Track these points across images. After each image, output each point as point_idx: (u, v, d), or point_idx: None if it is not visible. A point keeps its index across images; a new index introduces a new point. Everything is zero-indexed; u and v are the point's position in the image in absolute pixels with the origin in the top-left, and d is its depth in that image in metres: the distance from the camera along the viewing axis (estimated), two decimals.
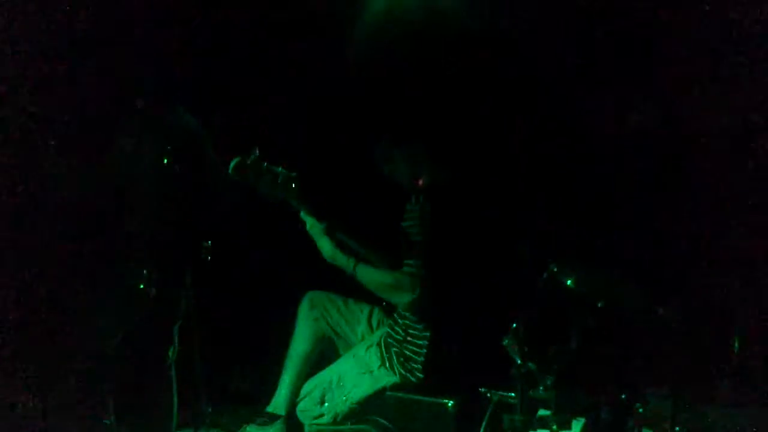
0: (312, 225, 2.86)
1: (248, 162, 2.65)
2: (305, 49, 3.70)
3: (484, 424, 2.56)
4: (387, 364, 2.83)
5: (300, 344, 3.06)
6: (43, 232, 3.33)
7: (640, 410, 2.41)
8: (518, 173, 3.25)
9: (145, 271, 3.03)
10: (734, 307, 2.89)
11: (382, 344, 2.86)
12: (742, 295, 2.92)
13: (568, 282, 2.49)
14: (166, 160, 3.00)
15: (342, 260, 2.82)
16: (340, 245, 2.86)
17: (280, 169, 2.74)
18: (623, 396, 2.52)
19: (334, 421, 2.89)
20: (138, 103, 3.08)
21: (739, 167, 3.03)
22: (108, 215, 3.02)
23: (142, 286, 3.03)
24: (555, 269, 2.50)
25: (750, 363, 2.74)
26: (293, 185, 2.76)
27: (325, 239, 2.83)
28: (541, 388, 2.47)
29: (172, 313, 3.13)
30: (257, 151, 2.67)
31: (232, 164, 2.65)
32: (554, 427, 2.41)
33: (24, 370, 3.56)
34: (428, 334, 2.77)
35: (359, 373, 2.87)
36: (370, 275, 2.80)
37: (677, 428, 2.30)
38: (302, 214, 2.88)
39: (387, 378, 2.83)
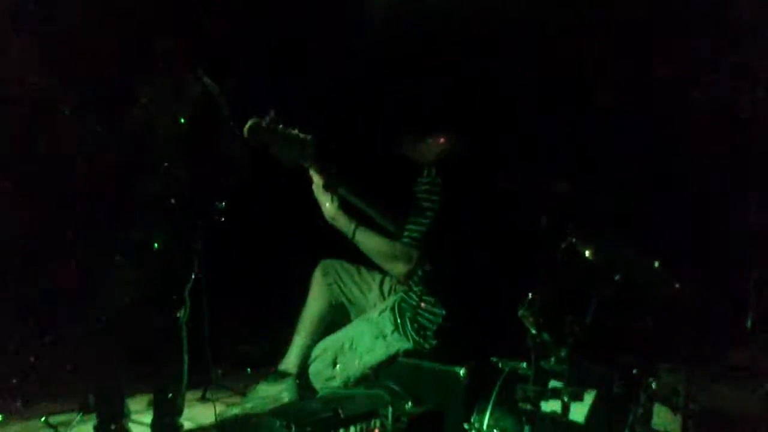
0: (318, 185, 2.83)
1: (263, 124, 2.63)
2: (324, 20, 3.66)
3: (495, 392, 2.56)
4: (400, 330, 2.84)
5: (313, 308, 3.07)
6: (58, 192, 3.34)
7: (653, 385, 2.40)
8: (538, 145, 3.22)
9: (158, 231, 3.02)
10: (748, 283, 2.88)
11: (396, 309, 2.86)
12: (757, 271, 2.90)
13: (586, 254, 2.47)
14: (182, 121, 2.98)
15: (343, 222, 2.79)
16: (345, 208, 2.83)
17: (295, 131, 2.72)
18: (635, 370, 2.51)
19: (346, 385, 2.90)
20: (198, 73, 3.05)
21: (759, 141, 3.00)
22: (123, 176, 3.00)
23: (156, 246, 3.02)
24: (573, 240, 2.47)
25: (763, 338, 2.73)
26: (308, 148, 2.74)
27: (329, 200, 2.80)
28: (553, 359, 2.47)
29: (184, 274, 3.14)
30: (273, 113, 2.65)
31: (247, 126, 2.63)
32: (566, 398, 2.40)
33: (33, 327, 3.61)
34: (441, 302, 2.77)
35: (372, 337, 2.87)
36: (368, 240, 2.78)
37: (690, 404, 2.29)
38: (312, 172, 2.84)
39: (400, 343, 2.84)
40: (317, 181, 2.82)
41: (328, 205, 2.81)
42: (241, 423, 2.77)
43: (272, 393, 2.90)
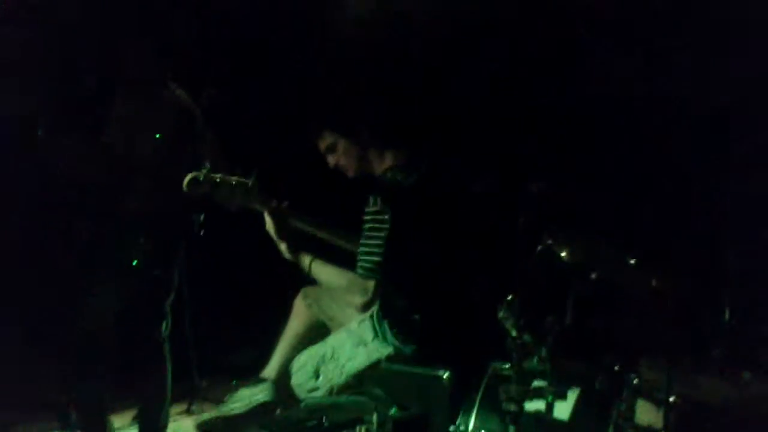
0: (269, 225, 2.89)
1: (201, 178, 2.69)
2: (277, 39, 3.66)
3: (479, 394, 2.57)
4: (380, 336, 2.84)
5: (293, 325, 3.11)
6: (37, 209, 3.31)
7: (635, 381, 2.42)
8: (512, 145, 3.24)
9: (138, 246, 3.01)
10: (725, 276, 2.91)
11: (375, 317, 2.87)
12: (734, 264, 2.93)
13: (563, 254, 2.49)
14: (159, 136, 2.97)
15: (299, 258, 2.88)
16: (302, 239, 2.89)
17: (234, 178, 2.77)
18: (616, 367, 2.53)
19: (330, 394, 2.90)
20: (172, 87, 3.06)
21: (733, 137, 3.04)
22: (101, 191, 2.99)
23: (135, 262, 3.01)
24: (550, 241, 2.49)
25: (741, 331, 2.76)
26: (252, 192, 2.79)
27: (281, 240, 2.88)
28: (535, 359, 2.48)
29: (165, 288, 3.13)
30: (208, 165, 2.72)
31: (185, 182, 2.70)
32: (549, 397, 2.42)
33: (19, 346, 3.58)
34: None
35: (353, 345, 2.88)
36: (324, 274, 2.86)
37: (671, 398, 2.31)
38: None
39: (381, 350, 2.84)
40: (268, 221, 2.86)
41: (281, 244, 2.89)
42: (222, 428, 2.76)
43: (249, 394, 2.91)
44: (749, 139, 3.01)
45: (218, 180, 2.73)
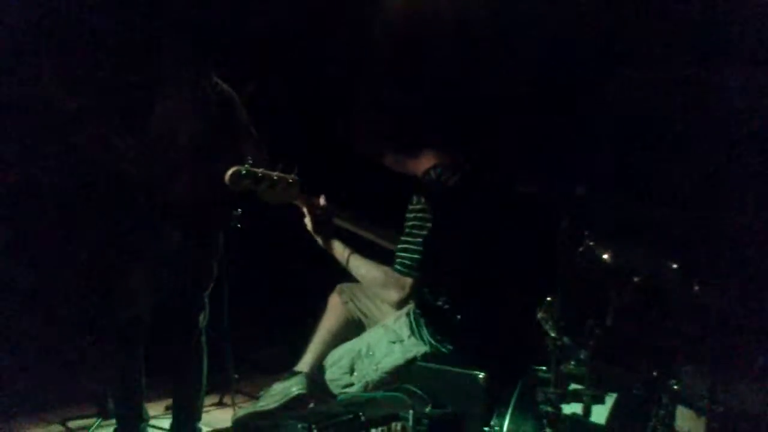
0: (309, 220, 2.92)
1: (243, 172, 2.69)
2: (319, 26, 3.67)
3: (515, 396, 2.56)
4: (417, 334, 2.84)
5: (327, 322, 3.11)
6: (79, 198, 3.36)
7: (675, 387, 2.39)
8: (554, 147, 3.22)
9: (179, 237, 3.05)
10: None
11: (411, 315, 2.87)
12: None
13: (605, 257, 2.47)
14: (201, 128, 3.00)
15: (337, 252, 2.90)
16: (340, 234, 2.91)
17: (276, 173, 2.78)
18: (655, 373, 2.50)
19: (365, 390, 2.90)
20: (214, 79, 3.10)
21: None
22: (143, 182, 3.03)
23: (176, 252, 3.04)
24: (591, 243, 2.47)
25: None
26: (293, 187, 2.80)
27: (320, 234, 2.90)
28: (573, 362, 2.47)
29: (204, 279, 3.16)
30: (250, 160, 2.72)
31: (228, 175, 2.70)
32: (587, 401, 2.40)
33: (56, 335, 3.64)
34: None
35: (389, 342, 2.87)
36: (361, 269, 2.87)
37: (713, 405, 2.28)
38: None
39: (417, 347, 2.83)
40: (308, 216, 2.88)
41: (320, 238, 2.91)
42: (258, 423, 2.77)
43: (282, 388, 2.92)
44: None
45: (260, 174, 2.74)
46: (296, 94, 3.79)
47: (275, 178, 2.78)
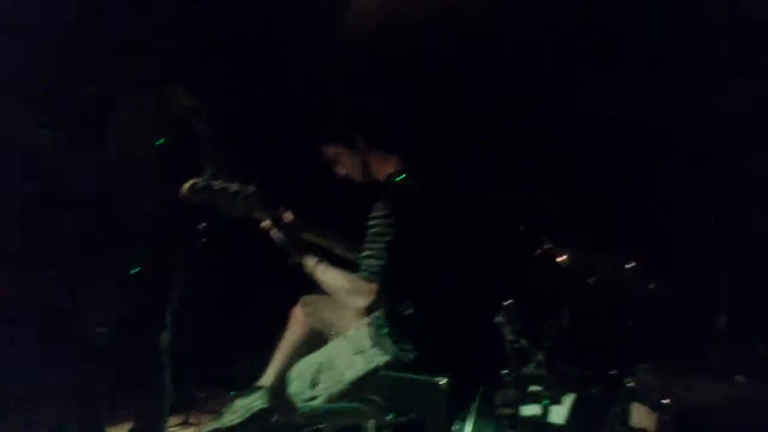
0: (273, 233, 2.89)
1: (201, 185, 2.69)
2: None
3: (477, 400, 2.58)
4: (379, 343, 2.84)
5: (292, 333, 3.09)
6: (38, 213, 3.32)
7: (631, 384, 2.44)
8: (511, 152, 3.27)
9: (139, 253, 3.03)
10: (721, 279, 2.93)
11: (373, 325, 2.88)
12: (731, 269, 2.95)
13: (561, 259, 2.51)
14: (162, 141, 3.00)
15: (303, 261, 2.87)
16: (308, 246, 2.90)
17: (235, 185, 2.78)
18: (613, 372, 2.55)
19: (328, 402, 2.90)
20: (177, 90, 3.04)
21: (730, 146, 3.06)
22: (103, 199, 3.01)
23: (136, 270, 3.02)
24: (548, 246, 2.52)
25: (737, 333, 2.77)
26: (252, 200, 2.80)
27: (286, 244, 2.87)
28: (532, 364, 2.50)
29: (166, 298, 3.14)
30: (209, 171, 2.71)
31: (185, 189, 2.68)
32: (545, 402, 2.44)
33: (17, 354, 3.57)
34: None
35: (351, 353, 2.87)
36: (327, 277, 2.85)
37: (665, 400, 2.32)
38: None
39: (380, 357, 2.84)
40: (271, 228, 2.88)
41: (287, 251, 2.89)
42: None
43: (244, 404, 2.90)
44: (744, 148, 3.03)
45: (218, 187, 2.74)
46: (256, 103, 3.78)
47: (234, 190, 2.78)
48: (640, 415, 2.42)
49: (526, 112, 3.29)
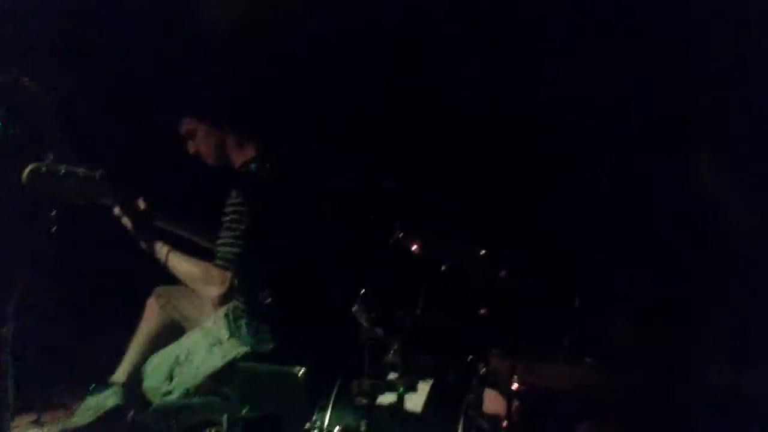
0: (124, 220, 2.80)
1: (42, 170, 2.53)
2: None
3: (335, 390, 2.57)
4: (236, 335, 2.79)
5: (146, 325, 3.00)
6: None
7: (483, 370, 2.48)
8: (363, 142, 3.26)
9: None
10: (575, 267, 3.02)
11: (230, 315, 2.81)
12: (584, 254, 3.05)
13: (413, 247, 2.52)
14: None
15: (157, 251, 2.79)
16: (161, 234, 2.81)
17: (81, 170, 2.65)
18: (467, 358, 2.58)
19: (186, 397, 2.82)
20: (14, 73, 2.86)
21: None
22: None
23: None
24: (401, 235, 2.52)
25: (589, 321, 2.87)
26: (101, 185, 2.67)
27: (137, 232, 2.78)
28: (389, 353, 2.51)
29: (7, 290, 2.95)
30: (51, 156, 2.56)
31: (25, 174, 2.52)
32: (401, 389, 2.45)
33: None
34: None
35: (208, 345, 2.81)
36: (181, 265, 2.77)
37: (514, 384, 2.38)
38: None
39: (237, 349, 2.79)
40: (122, 215, 2.77)
41: (139, 239, 2.81)
42: None
43: (97, 401, 2.78)
44: (599, 136, 3.13)
45: (62, 172, 2.58)
46: (107, 90, 3.60)
47: (80, 175, 2.62)
48: (491, 400, 2.46)
49: (379, 102, 3.28)
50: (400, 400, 2.45)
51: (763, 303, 2.43)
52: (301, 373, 2.66)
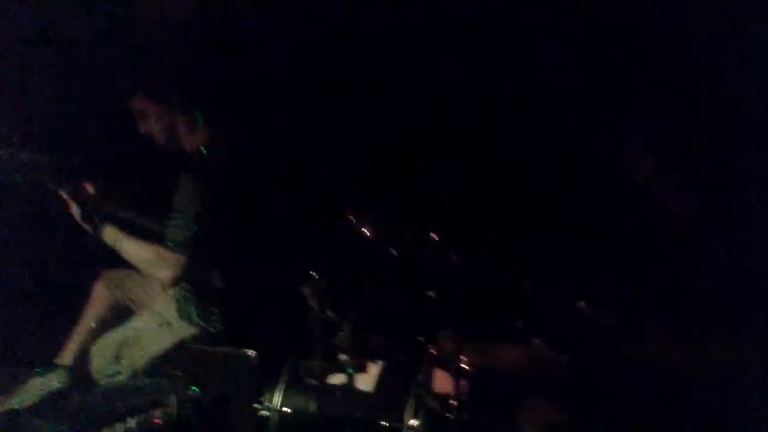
0: (70, 204, 2.75)
1: None
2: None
3: (285, 371, 2.57)
4: (185, 316, 2.77)
5: (93, 308, 2.96)
6: None
7: (432, 351, 2.51)
8: (317, 128, 3.25)
9: None
10: (525, 250, 3.06)
11: (181, 298, 2.79)
12: (534, 239, 3.09)
13: (365, 230, 2.53)
14: None
15: (106, 236, 2.74)
16: (110, 217, 2.77)
17: (25, 154, 2.60)
18: (419, 339, 2.61)
19: (134, 378, 2.79)
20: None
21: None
22: None
23: None
24: (352, 219, 2.53)
25: (541, 302, 2.91)
26: (47, 170, 2.62)
27: (85, 219, 2.73)
28: (339, 334, 2.52)
29: None
30: None
31: None
32: (350, 370, 2.47)
33: None
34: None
35: (157, 326, 2.79)
36: (132, 249, 2.73)
37: (464, 365, 2.41)
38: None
39: (186, 330, 2.77)
40: (68, 200, 2.72)
41: (87, 225, 2.75)
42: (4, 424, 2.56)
43: (40, 382, 2.74)
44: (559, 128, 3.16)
45: (5, 156, 2.52)
46: (56, 71, 3.50)
47: (23, 160, 2.57)
48: (440, 380, 2.50)
49: (331, 86, 3.27)
50: (351, 380, 2.47)
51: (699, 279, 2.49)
52: (251, 354, 2.66)
